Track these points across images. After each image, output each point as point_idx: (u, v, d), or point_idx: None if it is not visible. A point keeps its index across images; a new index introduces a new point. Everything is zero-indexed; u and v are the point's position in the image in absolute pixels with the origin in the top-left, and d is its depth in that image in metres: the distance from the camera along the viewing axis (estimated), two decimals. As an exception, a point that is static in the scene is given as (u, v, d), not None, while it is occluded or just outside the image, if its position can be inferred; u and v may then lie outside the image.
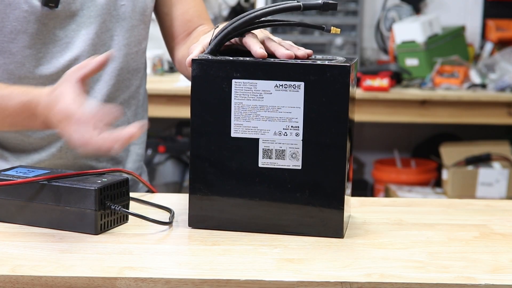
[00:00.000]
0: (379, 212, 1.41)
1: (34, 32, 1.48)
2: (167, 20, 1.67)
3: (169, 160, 4.05)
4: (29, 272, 1.07)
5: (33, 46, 1.49)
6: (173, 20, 1.66)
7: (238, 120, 1.23)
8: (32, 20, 1.47)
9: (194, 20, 1.66)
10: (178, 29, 1.66)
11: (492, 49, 4.04)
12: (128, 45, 1.57)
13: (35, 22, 1.47)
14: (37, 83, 1.50)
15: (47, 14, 1.47)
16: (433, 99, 3.60)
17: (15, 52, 1.49)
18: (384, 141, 4.39)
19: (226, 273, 1.08)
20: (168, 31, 1.68)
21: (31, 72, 1.50)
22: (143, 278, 1.06)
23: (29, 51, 1.49)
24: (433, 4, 4.25)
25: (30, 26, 1.47)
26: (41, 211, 1.26)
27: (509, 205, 1.49)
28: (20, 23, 1.47)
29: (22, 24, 1.47)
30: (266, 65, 1.22)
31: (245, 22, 1.26)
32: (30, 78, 1.50)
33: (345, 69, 1.20)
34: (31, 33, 1.48)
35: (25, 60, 1.49)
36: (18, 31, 1.47)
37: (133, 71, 1.60)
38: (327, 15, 3.95)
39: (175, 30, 1.67)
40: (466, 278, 1.07)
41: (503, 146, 3.89)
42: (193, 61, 1.23)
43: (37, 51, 1.50)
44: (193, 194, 1.26)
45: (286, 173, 1.23)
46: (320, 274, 1.08)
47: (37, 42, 1.49)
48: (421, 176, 4.04)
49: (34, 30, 1.48)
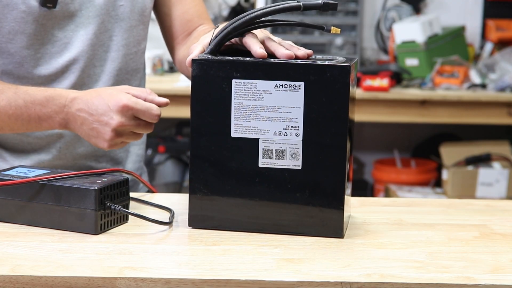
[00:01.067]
0: (379, 212, 1.41)
1: (32, 33, 1.48)
2: (167, 20, 1.67)
3: (169, 160, 4.05)
4: (29, 272, 1.07)
5: (31, 46, 1.49)
6: (173, 20, 1.66)
7: (238, 120, 1.23)
8: (30, 21, 1.47)
9: (194, 20, 1.66)
10: (178, 29, 1.66)
11: (492, 49, 4.04)
12: (127, 46, 1.57)
13: (33, 23, 1.47)
14: (36, 83, 1.50)
15: (45, 14, 1.47)
16: (433, 99, 3.60)
17: (14, 52, 1.49)
18: (384, 141, 4.38)
19: (226, 273, 1.08)
20: (168, 31, 1.68)
21: (29, 72, 1.50)
22: (143, 278, 1.06)
23: (27, 51, 1.49)
24: (433, 4, 4.25)
25: (28, 26, 1.47)
26: (41, 211, 1.26)
27: (509, 205, 1.49)
28: (18, 23, 1.47)
29: (20, 25, 1.47)
30: (266, 65, 1.22)
31: (245, 22, 1.26)
32: (28, 78, 1.50)
33: (345, 69, 1.20)
34: (29, 33, 1.48)
35: (23, 60, 1.49)
36: (16, 31, 1.47)
37: (132, 71, 1.60)
38: (327, 15, 3.95)
39: (175, 30, 1.67)
40: (466, 278, 1.07)
41: (503, 146, 3.89)
42: (193, 61, 1.23)
43: (35, 52, 1.49)
44: (193, 194, 1.26)
45: (286, 173, 1.23)
46: (320, 274, 1.08)
47: (35, 42, 1.49)
48: (421, 176, 4.04)
49: (32, 31, 1.48)
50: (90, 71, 1.54)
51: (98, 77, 1.55)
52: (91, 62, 1.53)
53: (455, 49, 3.92)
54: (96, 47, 1.54)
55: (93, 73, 1.54)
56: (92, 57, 1.53)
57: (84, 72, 1.53)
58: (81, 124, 1.37)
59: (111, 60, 1.56)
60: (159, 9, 1.66)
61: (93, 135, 1.36)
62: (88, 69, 1.53)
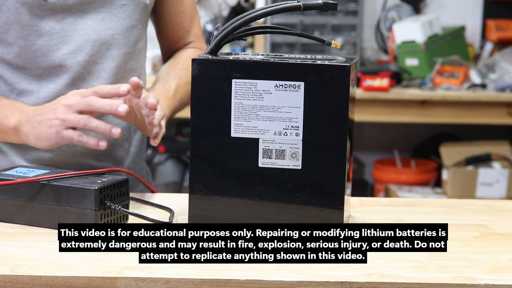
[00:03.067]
0: (379, 212, 1.41)
1: (27, 23, 1.48)
2: (162, 20, 1.71)
3: (169, 160, 4.05)
4: (29, 272, 1.07)
5: (27, 37, 1.49)
6: (168, 21, 1.71)
7: (238, 120, 1.23)
8: (24, 11, 1.47)
9: (186, 23, 1.71)
10: (171, 33, 1.73)
11: (492, 49, 4.04)
12: (127, 44, 1.58)
13: (27, 13, 1.48)
14: (34, 74, 1.51)
15: (39, 5, 1.48)
16: (433, 99, 3.60)
17: (11, 42, 1.50)
18: (384, 141, 4.38)
19: (226, 273, 1.08)
20: (163, 32, 1.74)
21: (27, 63, 1.51)
22: (143, 278, 1.06)
23: (23, 42, 1.49)
24: (433, 4, 4.25)
25: (22, 17, 1.48)
26: (41, 211, 1.26)
27: (509, 205, 1.49)
28: (13, 13, 1.48)
29: (15, 15, 1.48)
30: (266, 65, 1.22)
31: (245, 22, 1.26)
32: (27, 69, 1.51)
33: (345, 69, 1.20)
34: (24, 24, 1.48)
35: (20, 51, 1.50)
36: (12, 21, 1.48)
37: (130, 70, 1.60)
38: (327, 15, 3.95)
39: (168, 32, 1.73)
40: (466, 278, 1.07)
41: (503, 146, 3.89)
42: (193, 61, 1.23)
43: (32, 43, 1.50)
44: (193, 194, 1.26)
45: (286, 173, 1.23)
46: (320, 274, 1.08)
47: (32, 33, 1.49)
48: (421, 176, 4.04)
49: (26, 21, 1.48)
50: (91, 67, 1.54)
51: (99, 74, 1.55)
52: (91, 58, 1.54)
53: (455, 49, 3.93)
54: (97, 43, 1.54)
55: (94, 70, 1.54)
56: (93, 53, 1.54)
57: (84, 68, 1.53)
58: (34, 119, 1.42)
59: (112, 58, 1.56)
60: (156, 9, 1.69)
61: (39, 122, 1.41)
62: (89, 65, 1.54)
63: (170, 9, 1.69)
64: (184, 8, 1.71)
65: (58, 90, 1.52)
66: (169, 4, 1.69)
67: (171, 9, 1.70)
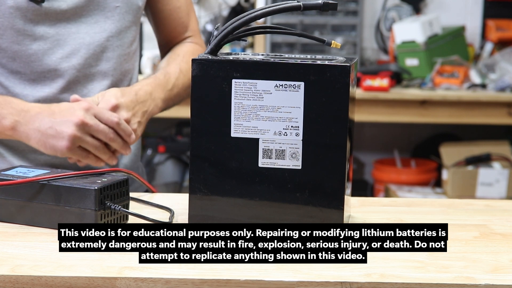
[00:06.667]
0: (379, 212, 1.41)
1: (22, 28, 1.48)
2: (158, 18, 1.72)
3: (169, 160, 4.05)
4: (29, 272, 1.07)
5: (21, 42, 1.49)
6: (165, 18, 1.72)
7: (238, 120, 1.23)
8: (18, 16, 1.47)
9: (184, 18, 1.70)
10: (169, 30, 1.73)
11: (492, 49, 4.04)
12: (121, 46, 1.58)
13: (21, 18, 1.48)
14: (29, 79, 1.51)
15: (33, 10, 1.47)
16: (433, 99, 3.60)
17: (5, 47, 1.50)
18: (384, 141, 4.39)
19: (226, 273, 1.08)
20: (160, 31, 1.75)
21: (22, 67, 1.51)
22: (143, 278, 1.06)
23: (18, 46, 1.49)
24: (433, 4, 4.25)
25: (17, 21, 1.48)
26: (41, 211, 1.26)
27: (509, 205, 1.49)
28: (7, 18, 1.47)
29: (9, 20, 1.47)
30: (266, 65, 1.22)
31: (245, 22, 1.26)
32: (22, 73, 1.51)
33: (345, 69, 1.20)
34: (18, 28, 1.48)
35: (15, 55, 1.50)
36: (6, 26, 1.48)
37: (125, 71, 1.61)
38: (327, 15, 3.95)
39: (166, 26, 1.74)
40: (466, 278, 1.07)
41: (503, 146, 3.89)
42: (193, 61, 1.23)
43: (26, 48, 1.50)
44: (193, 194, 1.26)
45: (286, 173, 1.23)
46: (320, 274, 1.08)
47: (26, 38, 1.49)
48: (421, 176, 4.04)
49: (20, 26, 1.48)
50: (86, 71, 1.54)
51: (94, 77, 1.55)
52: (86, 62, 1.54)
53: (455, 49, 3.93)
54: (92, 46, 1.54)
55: (89, 73, 1.55)
56: (87, 57, 1.54)
57: (79, 71, 1.53)
58: (39, 124, 1.40)
59: (106, 60, 1.56)
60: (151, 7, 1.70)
61: (51, 133, 1.39)
62: (84, 69, 1.54)
63: (166, 6, 1.70)
64: (180, 4, 1.72)
65: (54, 94, 1.52)
66: (164, 1, 1.70)
67: (166, 6, 1.70)
